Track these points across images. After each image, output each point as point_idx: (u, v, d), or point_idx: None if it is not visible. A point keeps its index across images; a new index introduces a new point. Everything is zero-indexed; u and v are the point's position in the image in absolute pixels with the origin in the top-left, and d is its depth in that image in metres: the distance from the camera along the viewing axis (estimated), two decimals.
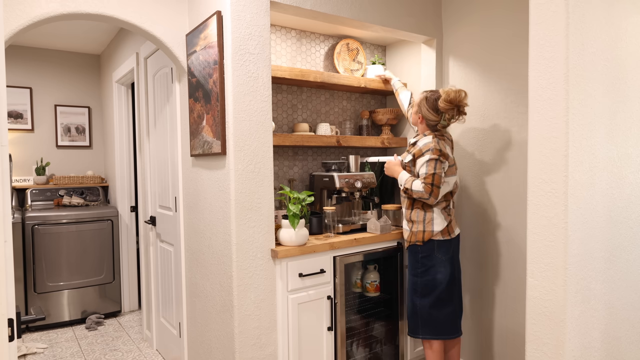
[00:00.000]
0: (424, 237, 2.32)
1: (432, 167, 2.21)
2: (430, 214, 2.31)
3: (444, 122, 2.31)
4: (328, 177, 2.61)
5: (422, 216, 2.33)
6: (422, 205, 2.33)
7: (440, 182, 2.22)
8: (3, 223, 0.93)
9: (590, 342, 1.46)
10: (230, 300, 2.13)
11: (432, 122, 2.32)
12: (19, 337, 1.01)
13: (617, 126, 1.51)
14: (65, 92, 4.44)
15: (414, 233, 2.34)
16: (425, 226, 2.31)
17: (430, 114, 2.30)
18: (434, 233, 2.30)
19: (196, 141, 2.41)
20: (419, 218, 2.33)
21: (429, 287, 2.31)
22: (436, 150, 2.22)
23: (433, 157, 2.22)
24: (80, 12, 2.17)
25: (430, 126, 2.34)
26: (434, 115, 2.30)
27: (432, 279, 2.31)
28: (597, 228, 1.46)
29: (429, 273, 2.32)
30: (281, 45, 2.80)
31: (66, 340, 3.53)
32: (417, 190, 2.24)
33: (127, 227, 4.11)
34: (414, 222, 2.34)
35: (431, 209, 2.31)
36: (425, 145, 2.27)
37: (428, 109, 2.31)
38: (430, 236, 2.30)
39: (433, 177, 2.21)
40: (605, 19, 1.45)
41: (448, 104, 2.23)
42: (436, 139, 2.27)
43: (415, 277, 2.35)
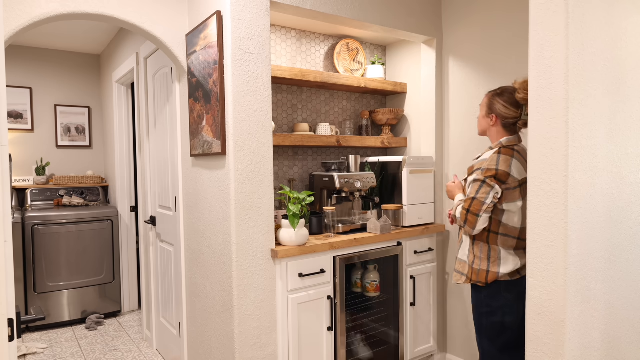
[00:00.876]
0: (487, 278, 1.93)
1: (474, 191, 1.88)
2: (495, 252, 1.92)
3: (526, 118, 1.90)
4: (328, 177, 2.61)
5: (487, 252, 1.94)
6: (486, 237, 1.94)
7: (481, 209, 1.86)
8: (3, 223, 0.93)
9: (590, 342, 1.46)
10: (230, 300, 2.13)
11: (511, 119, 1.95)
12: (19, 337, 1.01)
13: (617, 126, 1.51)
14: (65, 92, 4.44)
15: (475, 271, 1.96)
16: (490, 266, 1.93)
17: (507, 109, 1.94)
18: (499, 275, 1.91)
19: (196, 141, 2.41)
20: (482, 254, 1.94)
21: (496, 329, 1.96)
22: (488, 170, 1.87)
23: (478, 179, 1.88)
24: (80, 12, 2.17)
25: (507, 126, 1.97)
26: (513, 110, 1.93)
27: (500, 321, 1.95)
28: (597, 228, 1.46)
29: (496, 315, 1.96)
30: (281, 45, 2.80)
31: (66, 340, 3.53)
32: (457, 215, 1.95)
33: (127, 227, 4.11)
34: (476, 257, 1.97)
35: (496, 246, 1.92)
36: (482, 162, 1.94)
37: (504, 104, 1.94)
38: (495, 278, 1.92)
39: (472, 202, 1.88)
40: (605, 19, 1.45)
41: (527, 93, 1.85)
42: (497, 155, 1.90)
43: (481, 317, 2.00)
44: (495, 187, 1.86)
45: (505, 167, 1.86)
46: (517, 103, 1.93)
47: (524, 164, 1.92)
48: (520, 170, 1.90)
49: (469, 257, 1.99)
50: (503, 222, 1.90)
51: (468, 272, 2.00)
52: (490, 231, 1.93)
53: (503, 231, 1.91)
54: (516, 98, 1.92)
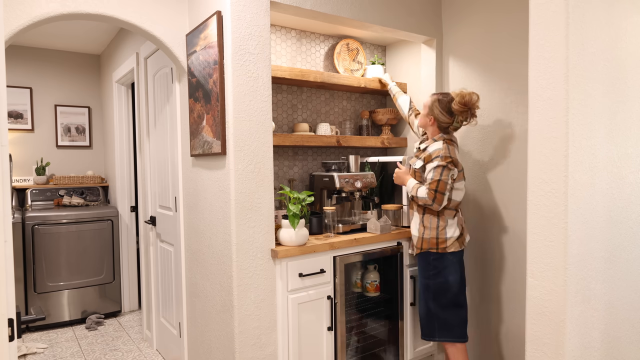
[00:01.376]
0: (438, 244, 2.30)
1: (438, 174, 2.22)
2: (443, 221, 2.31)
3: (457, 124, 2.32)
4: (328, 177, 2.61)
5: (436, 223, 2.31)
6: (432, 210, 2.32)
7: (446, 188, 2.22)
8: (3, 223, 0.93)
9: (590, 342, 1.46)
10: (230, 300, 2.13)
11: (444, 124, 2.33)
12: (19, 337, 1.01)
13: (617, 126, 1.51)
14: (65, 92, 4.44)
15: (426, 240, 2.33)
16: (439, 233, 2.30)
17: (443, 115, 2.31)
18: (447, 240, 2.29)
19: (196, 141, 2.41)
20: (432, 224, 2.32)
21: (442, 289, 2.31)
22: (446, 157, 2.23)
23: (441, 164, 2.23)
24: (80, 12, 2.17)
25: (441, 128, 2.35)
26: (447, 117, 2.30)
27: (445, 281, 2.30)
28: (597, 228, 1.46)
29: (442, 275, 2.30)
30: (281, 45, 2.80)
31: (66, 340, 3.53)
32: (421, 196, 2.26)
33: (127, 227, 4.11)
34: (426, 227, 2.33)
35: (444, 216, 2.31)
36: (436, 151, 2.28)
37: (441, 111, 2.30)
38: (445, 245, 2.29)
39: (438, 183, 2.22)
40: (605, 19, 1.45)
41: (462, 106, 2.24)
42: (446, 145, 2.27)
43: (428, 280, 2.34)
44: (454, 170, 2.25)
45: (455, 155, 2.27)
46: (452, 112, 2.30)
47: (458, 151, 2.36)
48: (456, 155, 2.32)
49: (419, 230, 2.36)
50: (452, 198, 2.30)
51: (418, 243, 2.36)
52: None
53: (449, 205, 2.30)
54: (451, 108, 2.29)
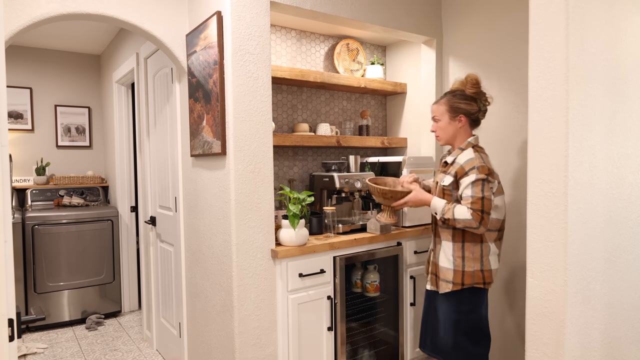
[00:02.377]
0: (484, 278, 1.96)
1: (479, 190, 1.87)
2: (486, 248, 1.96)
3: (484, 107, 2.04)
4: (328, 177, 2.61)
5: (479, 251, 1.95)
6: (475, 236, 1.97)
7: (491, 207, 1.88)
8: (3, 223, 0.93)
9: (590, 342, 1.46)
10: (230, 300, 2.13)
11: (475, 113, 2.02)
12: (19, 337, 1.01)
13: (617, 126, 1.51)
14: (65, 92, 4.44)
15: (469, 274, 1.96)
16: (484, 264, 1.95)
17: (469, 105, 2.01)
18: (492, 272, 1.97)
19: (196, 141, 2.41)
20: (475, 254, 1.95)
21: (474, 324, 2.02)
22: (483, 167, 1.88)
23: (480, 177, 1.87)
24: (80, 12, 2.17)
25: (473, 122, 2.04)
26: (474, 105, 2.01)
27: (479, 317, 2.02)
28: (597, 228, 1.46)
29: (477, 311, 2.01)
30: (281, 45, 2.80)
31: (66, 340, 3.53)
32: (463, 218, 1.88)
33: (127, 227, 4.11)
34: (467, 258, 1.97)
35: (486, 242, 1.96)
36: (469, 162, 1.92)
37: (465, 101, 2.01)
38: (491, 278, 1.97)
39: (482, 201, 1.86)
40: (605, 19, 1.45)
41: (475, 86, 1.99)
42: (478, 154, 1.94)
43: (459, 316, 2.02)
44: (493, 182, 1.92)
45: (490, 165, 1.94)
46: (472, 98, 2.02)
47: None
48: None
49: (456, 263, 1.99)
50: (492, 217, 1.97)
51: (457, 278, 1.99)
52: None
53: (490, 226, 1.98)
54: (468, 94, 2.02)
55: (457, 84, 2.06)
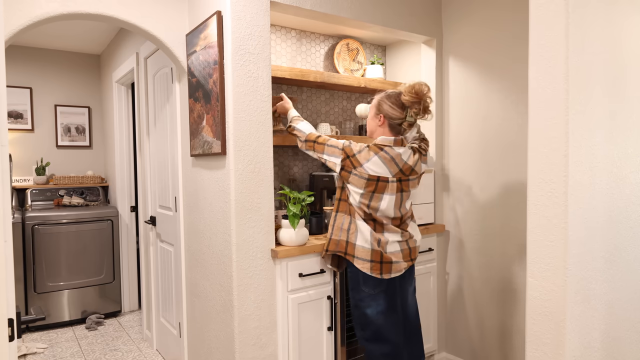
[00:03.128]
0: (347, 249, 2.06)
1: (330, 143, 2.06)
2: (354, 224, 2.05)
3: (410, 119, 2.03)
4: (328, 177, 2.61)
5: (347, 224, 2.07)
6: (348, 208, 2.07)
7: (317, 152, 2.09)
8: (3, 223, 0.93)
9: (590, 342, 1.46)
10: (230, 300, 2.13)
11: (397, 120, 2.04)
12: (19, 337, 1.01)
13: (617, 126, 1.51)
14: (65, 92, 4.44)
15: (335, 242, 2.10)
16: (349, 237, 2.05)
17: (393, 110, 2.03)
18: (356, 247, 2.03)
19: (196, 141, 2.41)
20: (344, 226, 2.07)
21: (362, 321, 2.08)
22: (350, 149, 2.01)
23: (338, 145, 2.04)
24: (80, 12, 2.17)
25: (393, 127, 2.06)
26: (399, 111, 2.03)
27: (362, 314, 2.07)
28: (597, 228, 1.46)
29: (359, 307, 2.08)
30: (281, 45, 2.80)
31: (66, 340, 3.53)
32: (301, 129, 2.16)
33: (127, 227, 4.11)
34: (335, 227, 2.10)
35: (355, 218, 2.04)
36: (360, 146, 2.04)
37: (391, 105, 2.03)
38: (353, 250, 2.04)
39: (320, 144, 2.08)
40: (605, 19, 1.45)
41: (414, 95, 1.97)
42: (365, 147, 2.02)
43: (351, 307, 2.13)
44: (337, 159, 2.03)
45: (362, 159, 1.99)
46: (403, 105, 2.03)
47: (390, 164, 2.01)
48: (381, 167, 1.99)
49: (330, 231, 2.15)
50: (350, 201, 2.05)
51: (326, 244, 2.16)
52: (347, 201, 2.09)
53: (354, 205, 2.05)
54: (402, 100, 2.02)
55: (403, 86, 2.05)
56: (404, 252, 2.08)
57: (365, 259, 2.02)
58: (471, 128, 2.71)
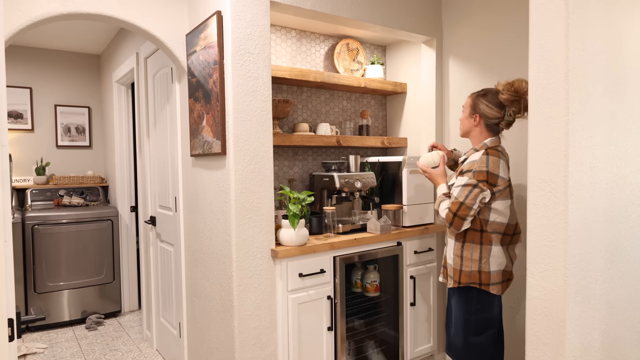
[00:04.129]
0: (481, 279, 1.95)
1: (464, 194, 1.89)
2: (487, 250, 1.95)
3: (509, 118, 1.94)
4: (328, 177, 2.61)
5: (478, 253, 1.96)
6: (478, 237, 1.96)
7: (468, 214, 1.90)
8: (3, 223, 0.93)
9: (590, 342, 1.46)
10: (230, 300, 2.13)
11: (494, 120, 1.97)
12: (19, 337, 1.01)
13: (617, 126, 1.51)
14: (65, 92, 4.44)
15: (465, 273, 1.98)
16: (482, 265, 1.95)
17: (491, 109, 1.96)
18: (491, 274, 1.95)
19: (196, 141, 2.41)
20: (474, 255, 1.97)
21: (484, 324, 2.02)
22: (479, 173, 1.88)
23: (470, 183, 1.88)
24: (80, 12, 2.17)
25: (490, 127, 1.99)
26: (497, 111, 1.95)
27: (489, 317, 2.01)
28: (597, 228, 1.46)
29: (487, 312, 2.01)
30: (281, 45, 2.80)
31: (66, 340, 3.53)
32: (441, 214, 1.98)
33: (127, 227, 4.11)
34: (465, 258, 1.99)
35: (489, 244, 1.95)
36: (471, 163, 1.93)
37: (488, 104, 1.96)
38: (488, 279, 1.95)
39: (460, 206, 1.89)
40: (605, 19, 1.45)
41: (513, 94, 1.88)
42: (486, 157, 1.91)
43: (469, 315, 2.03)
44: (486, 192, 1.89)
45: (495, 170, 1.89)
46: (501, 104, 1.97)
47: (508, 165, 1.99)
48: (506, 171, 1.95)
49: (455, 260, 2.03)
50: (490, 221, 1.95)
51: (455, 275, 2.03)
52: (482, 231, 1.97)
53: (491, 229, 1.96)
54: (500, 99, 1.95)
55: (501, 85, 1.96)
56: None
57: (499, 282, 1.97)
58: None
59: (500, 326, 2.07)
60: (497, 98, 1.96)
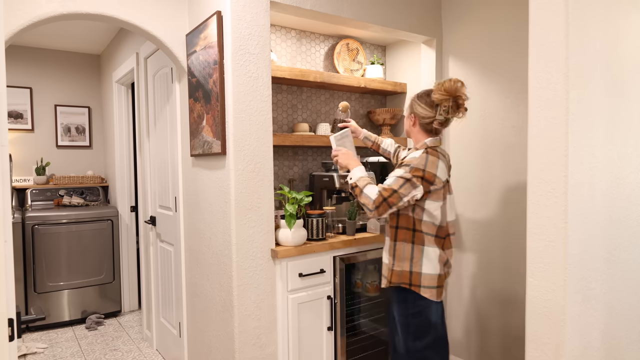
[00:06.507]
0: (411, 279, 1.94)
1: (398, 184, 1.86)
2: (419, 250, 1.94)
3: (441, 117, 1.93)
4: (328, 177, 2.61)
5: (410, 252, 1.95)
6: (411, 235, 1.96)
7: (397, 203, 1.86)
8: (3, 223, 0.93)
9: (590, 342, 1.46)
10: (230, 300, 2.13)
11: (426, 119, 1.97)
12: (19, 337, 1.01)
13: (617, 126, 1.51)
14: (65, 92, 4.44)
15: (396, 272, 1.97)
16: (413, 266, 1.94)
17: (423, 109, 1.96)
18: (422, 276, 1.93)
19: (196, 141, 2.41)
20: (405, 254, 1.96)
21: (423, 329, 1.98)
22: (417, 169, 1.86)
23: (405, 176, 1.86)
24: (80, 12, 2.17)
25: (425, 127, 1.99)
26: (429, 111, 1.95)
27: (427, 321, 1.97)
28: (597, 228, 1.46)
29: (424, 315, 1.97)
30: (281, 45, 2.80)
31: (66, 340, 3.53)
32: (368, 194, 1.89)
33: (127, 227, 4.11)
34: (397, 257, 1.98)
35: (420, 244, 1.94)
36: (410, 159, 1.92)
37: (421, 105, 1.97)
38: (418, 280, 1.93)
39: (392, 193, 1.85)
40: (605, 19, 1.45)
41: (443, 93, 1.89)
42: (426, 155, 1.90)
43: (405, 319, 1.99)
44: (418, 188, 1.87)
45: (432, 169, 1.88)
46: (433, 103, 1.96)
47: (448, 166, 1.99)
48: (444, 171, 1.93)
49: (388, 259, 2.01)
50: (424, 220, 1.93)
51: (387, 274, 2.01)
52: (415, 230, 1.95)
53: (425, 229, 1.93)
54: (432, 98, 1.95)
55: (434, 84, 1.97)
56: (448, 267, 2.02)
57: (432, 286, 1.93)
58: (471, 128, 2.71)
59: (443, 333, 2.02)
60: (430, 98, 1.96)
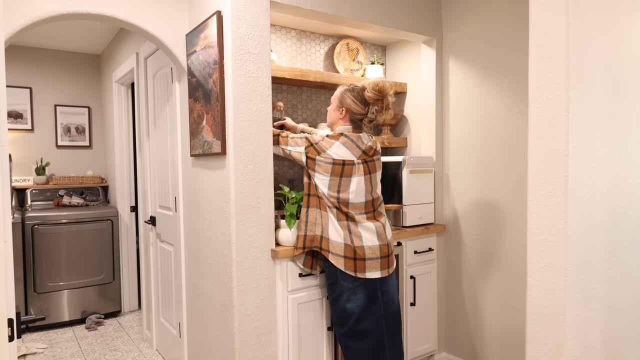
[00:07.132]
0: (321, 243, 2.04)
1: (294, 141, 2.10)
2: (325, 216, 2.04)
3: (371, 116, 2.05)
4: None
5: (320, 218, 2.05)
6: (318, 202, 2.05)
7: (281, 142, 2.12)
8: (3, 223, 0.93)
9: (590, 342, 1.46)
10: (230, 300, 2.13)
11: (358, 115, 2.07)
12: (19, 337, 1.01)
13: (617, 126, 1.51)
14: (65, 92, 4.44)
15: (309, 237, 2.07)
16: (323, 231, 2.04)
17: (356, 105, 2.05)
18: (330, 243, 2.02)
19: (196, 141, 2.41)
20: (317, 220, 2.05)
21: (341, 316, 2.06)
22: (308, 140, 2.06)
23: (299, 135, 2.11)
24: (80, 12, 2.17)
25: (354, 122, 2.09)
26: (361, 107, 2.05)
27: (342, 308, 2.04)
28: (597, 228, 1.46)
29: (338, 302, 2.05)
30: (281, 45, 2.80)
31: (66, 340, 3.53)
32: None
33: (127, 227, 4.11)
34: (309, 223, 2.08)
35: (325, 210, 2.03)
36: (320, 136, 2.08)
37: (354, 100, 2.05)
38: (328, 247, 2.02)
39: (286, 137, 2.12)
40: (605, 19, 1.45)
41: (377, 93, 2.00)
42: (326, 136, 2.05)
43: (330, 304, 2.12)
44: (300, 147, 2.06)
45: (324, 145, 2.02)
46: (366, 101, 2.06)
47: (352, 147, 2.04)
48: (343, 151, 2.02)
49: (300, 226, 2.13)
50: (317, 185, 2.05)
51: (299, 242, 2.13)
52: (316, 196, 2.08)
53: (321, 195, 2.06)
54: (364, 96, 2.05)
55: (367, 82, 2.06)
56: (382, 248, 2.06)
57: (339, 254, 2.01)
58: (471, 128, 2.71)
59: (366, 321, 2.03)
60: (363, 95, 2.06)
